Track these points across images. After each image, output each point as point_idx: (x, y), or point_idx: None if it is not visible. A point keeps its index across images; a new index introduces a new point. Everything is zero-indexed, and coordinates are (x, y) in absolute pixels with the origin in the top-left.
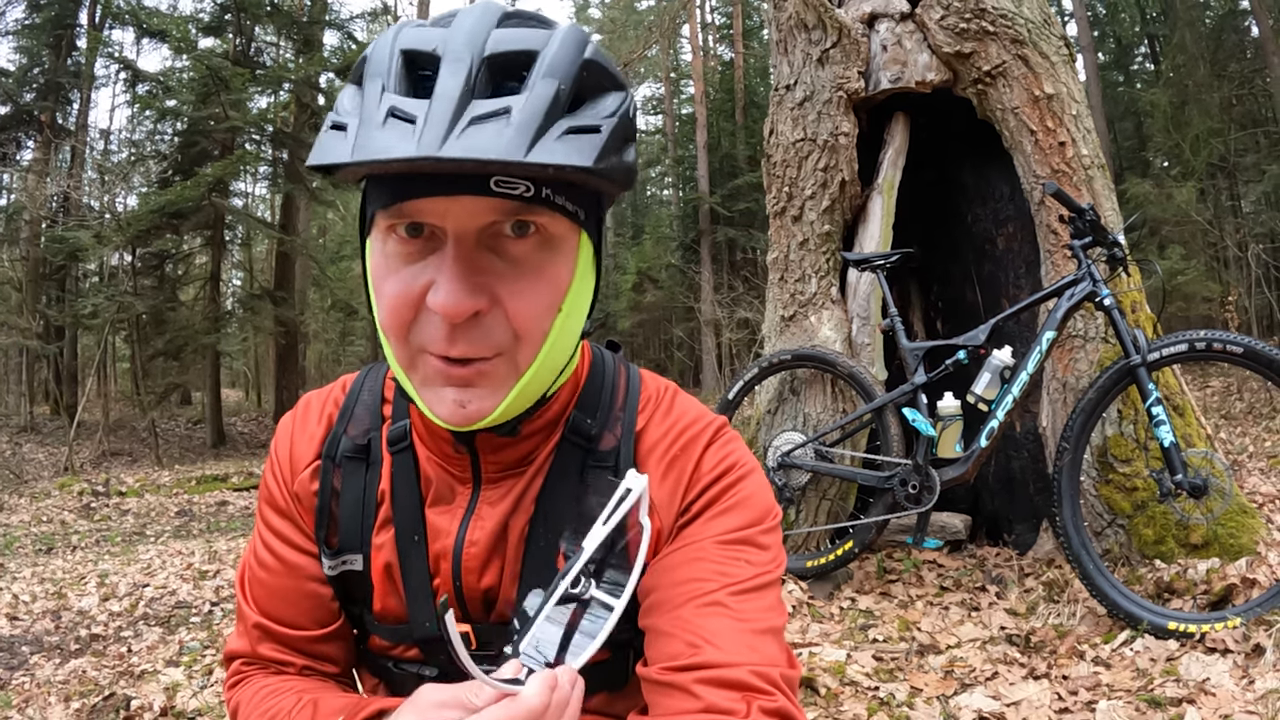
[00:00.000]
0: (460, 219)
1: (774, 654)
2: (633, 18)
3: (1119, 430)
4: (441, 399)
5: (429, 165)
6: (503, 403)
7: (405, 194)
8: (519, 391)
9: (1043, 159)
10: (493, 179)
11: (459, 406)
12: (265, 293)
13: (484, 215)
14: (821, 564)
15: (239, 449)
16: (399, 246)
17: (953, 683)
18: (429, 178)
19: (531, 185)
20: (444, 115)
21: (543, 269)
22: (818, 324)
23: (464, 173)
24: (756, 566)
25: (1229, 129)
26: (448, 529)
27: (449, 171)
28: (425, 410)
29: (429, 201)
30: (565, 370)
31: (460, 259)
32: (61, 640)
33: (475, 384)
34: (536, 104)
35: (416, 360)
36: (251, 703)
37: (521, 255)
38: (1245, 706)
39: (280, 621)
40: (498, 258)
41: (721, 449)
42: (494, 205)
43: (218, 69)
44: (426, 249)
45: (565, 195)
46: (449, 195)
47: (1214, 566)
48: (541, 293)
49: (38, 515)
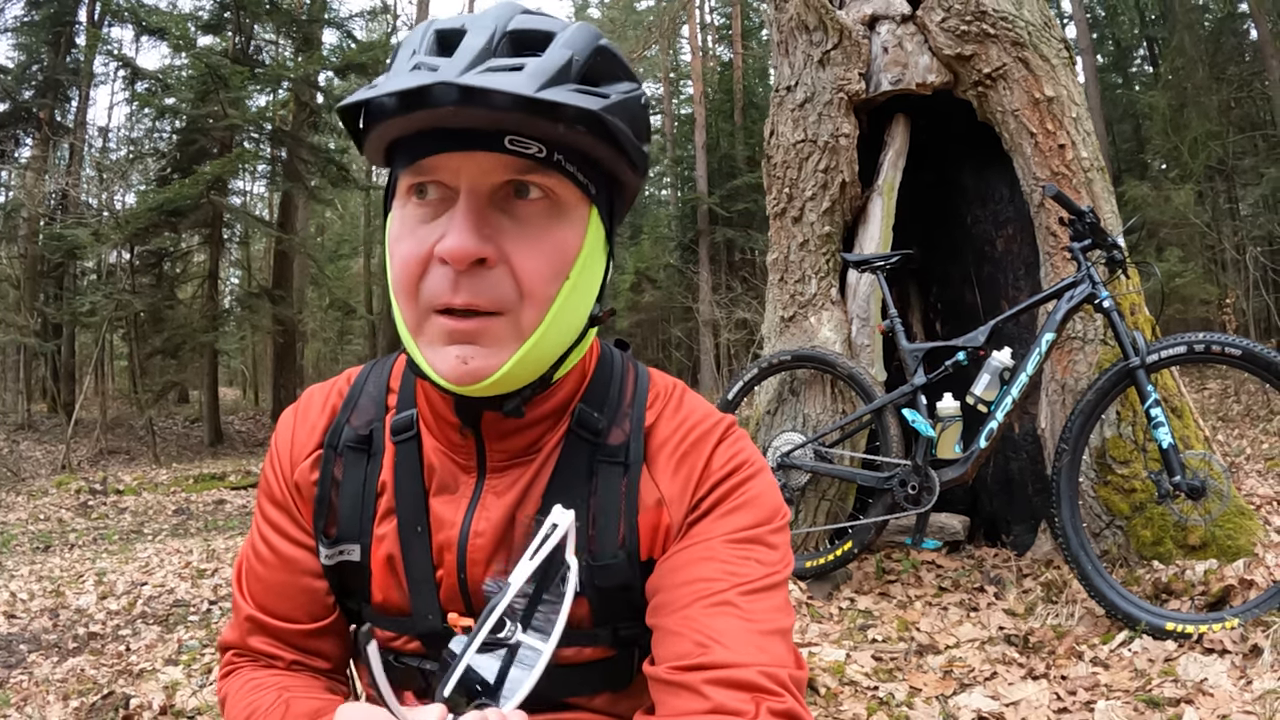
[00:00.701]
0: (473, 175)
1: (783, 655)
2: (632, 18)
3: (1117, 432)
4: (445, 357)
5: (440, 115)
6: (505, 364)
7: (424, 151)
8: (522, 355)
9: (1042, 161)
10: (506, 137)
11: (461, 363)
12: (263, 291)
13: (497, 173)
14: (821, 564)
15: (236, 447)
16: (416, 209)
17: (952, 683)
18: (447, 134)
19: (544, 147)
20: (463, 61)
21: (550, 231)
22: (817, 325)
23: (477, 127)
24: (766, 566)
25: (1227, 132)
26: (452, 519)
27: (464, 124)
28: (429, 372)
29: (445, 158)
30: (572, 354)
31: (470, 210)
32: (59, 638)
33: (478, 341)
34: (548, 63)
35: (424, 322)
36: (238, 694)
37: (530, 216)
38: (1243, 707)
39: (273, 614)
40: (507, 218)
41: (732, 447)
42: (506, 163)
43: (217, 67)
44: (440, 210)
45: (577, 165)
46: (464, 151)
47: (1212, 568)
48: (548, 254)
49: (35, 513)
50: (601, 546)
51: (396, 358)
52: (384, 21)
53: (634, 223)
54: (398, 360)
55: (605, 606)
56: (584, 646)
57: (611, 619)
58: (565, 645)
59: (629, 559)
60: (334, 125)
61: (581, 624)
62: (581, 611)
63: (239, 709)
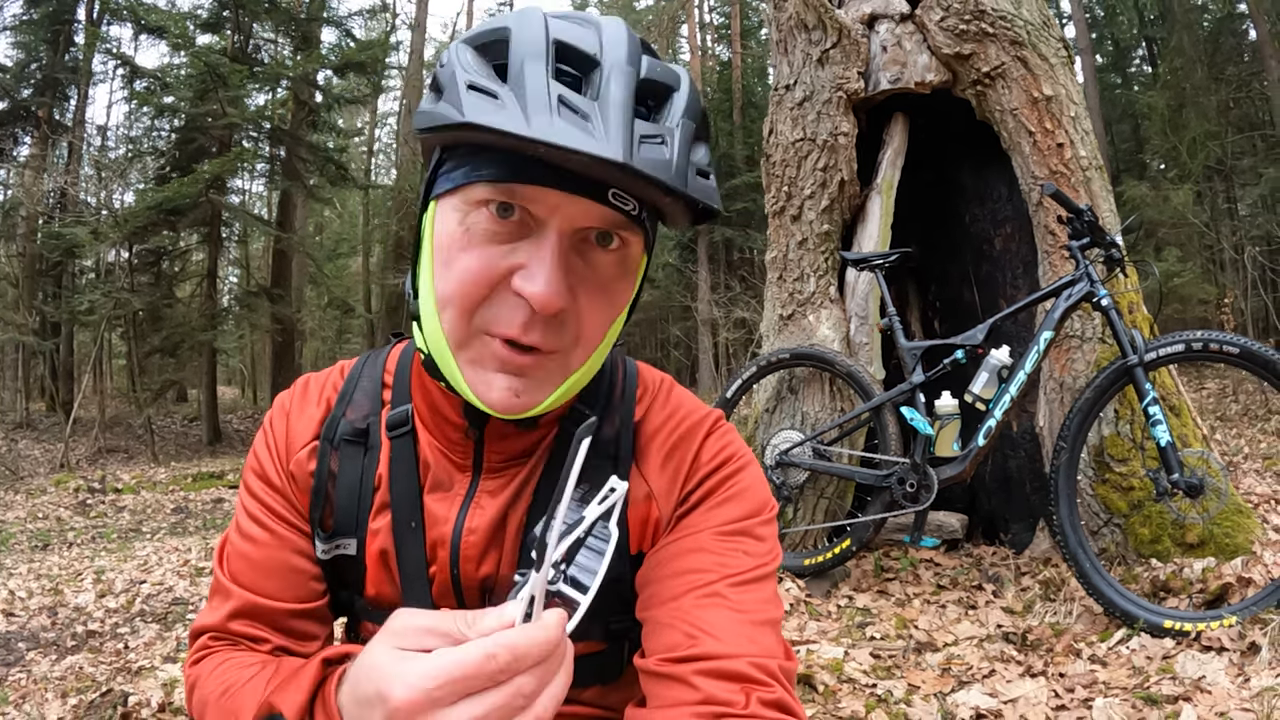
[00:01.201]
0: (570, 217)
1: (772, 646)
2: (631, 17)
3: (1116, 430)
4: (492, 384)
5: (597, 168)
6: (549, 397)
7: (524, 177)
8: (566, 389)
9: (1041, 160)
10: (610, 191)
11: (513, 395)
12: (262, 290)
13: (590, 220)
14: (819, 562)
15: (235, 446)
16: (489, 224)
17: (950, 680)
18: (554, 171)
19: (638, 206)
20: (621, 125)
21: (617, 284)
22: (816, 323)
23: (586, 173)
24: (755, 558)
25: (1226, 132)
26: (446, 516)
27: (578, 170)
28: (467, 392)
29: (546, 192)
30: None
31: (560, 254)
32: (58, 636)
33: (529, 374)
34: (680, 144)
35: (474, 341)
36: (211, 675)
37: (603, 266)
38: (1241, 704)
39: (260, 593)
40: (582, 262)
41: (720, 440)
42: (603, 214)
43: (216, 65)
44: (517, 233)
45: (650, 218)
46: (569, 193)
47: (1210, 565)
48: (611, 306)
49: (34, 512)
50: None
51: (389, 351)
52: (383, 20)
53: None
54: (390, 353)
55: (596, 600)
56: (574, 640)
57: (601, 613)
58: None
59: (619, 553)
60: (333, 124)
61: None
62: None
63: (212, 687)
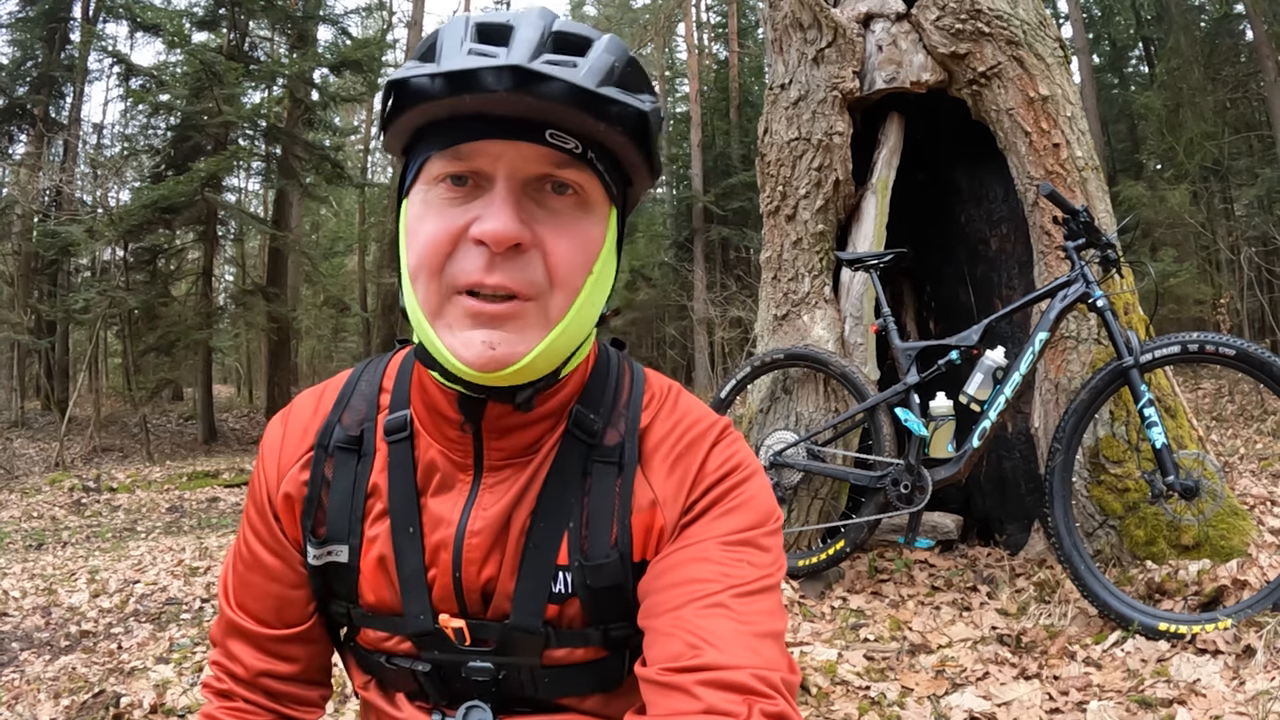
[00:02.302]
0: (514, 163)
1: (775, 658)
2: (628, 15)
3: (1111, 431)
4: (469, 342)
5: (488, 100)
6: (532, 351)
7: (465, 135)
8: (549, 343)
9: (1037, 160)
10: (548, 130)
11: (488, 348)
12: (257, 289)
13: (535, 164)
14: (813, 563)
15: (230, 445)
16: (444, 193)
17: (944, 682)
18: (489, 121)
19: (581, 143)
20: (525, 48)
21: (580, 224)
22: (811, 323)
23: (520, 116)
24: (759, 569)
25: (1223, 132)
26: (448, 518)
27: (509, 112)
28: (447, 357)
29: (488, 144)
30: (580, 350)
31: (510, 194)
32: (52, 636)
33: (505, 326)
34: (599, 64)
35: (446, 304)
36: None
37: (560, 208)
38: (1236, 708)
39: (248, 614)
40: (539, 207)
41: (726, 449)
42: (545, 155)
43: (211, 63)
44: (471, 195)
45: (605, 165)
46: (507, 139)
47: (1205, 568)
48: (579, 244)
49: (28, 511)
50: (594, 547)
51: (390, 358)
52: (379, 19)
53: (629, 220)
54: (391, 360)
55: (597, 607)
56: (575, 647)
57: (603, 620)
58: (557, 646)
59: (621, 559)
60: (329, 122)
61: (573, 624)
62: (573, 611)
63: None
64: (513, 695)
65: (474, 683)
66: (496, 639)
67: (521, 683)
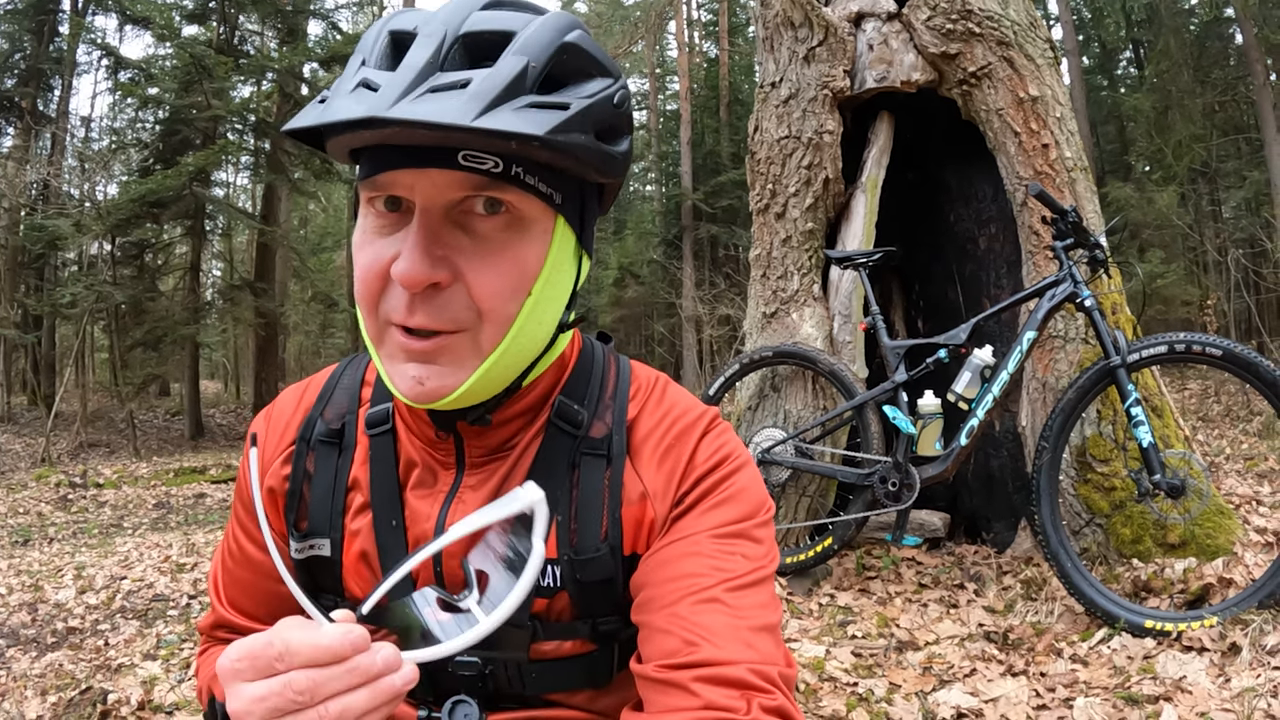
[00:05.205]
0: (428, 192)
1: (772, 652)
2: (618, 13)
3: (1098, 430)
4: (403, 374)
5: (387, 134)
6: (463, 384)
7: (380, 166)
8: (482, 374)
9: (1026, 160)
10: (460, 153)
11: (417, 383)
12: (245, 284)
13: (452, 190)
14: (801, 560)
15: (217, 441)
16: (376, 220)
17: (931, 679)
18: (401, 151)
19: (500, 161)
20: (403, 83)
21: (508, 248)
22: (799, 321)
23: (427, 144)
24: (752, 561)
25: (1211, 135)
26: (428, 513)
27: (413, 143)
28: (389, 385)
29: (401, 174)
30: (543, 360)
31: (424, 230)
32: (38, 633)
33: (435, 360)
34: (497, 78)
35: (384, 334)
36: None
37: (488, 233)
38: (1221, 704)
39: (238, 609)
40: (464, 234)
41: (716, 439)
42: (461, 180)
43: (201, 57)
44: (400, 223)
45: (538, 176)
46: (418, 168)
47: (1191, 566)
48: (505, 272)
49: (14, 507)
50: (583, 540)
51: None
52: (370, 13)
53: (618, 218)
54: None
55: (586, 601)
56: (563, 640)
57: (591, 614)
58: (545, 639)
59: (611, 553)
60: None
61: (561, 617)
62: (561, 605)
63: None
64: (500, 691)
65: (460, 678)
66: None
67: (509, 678)
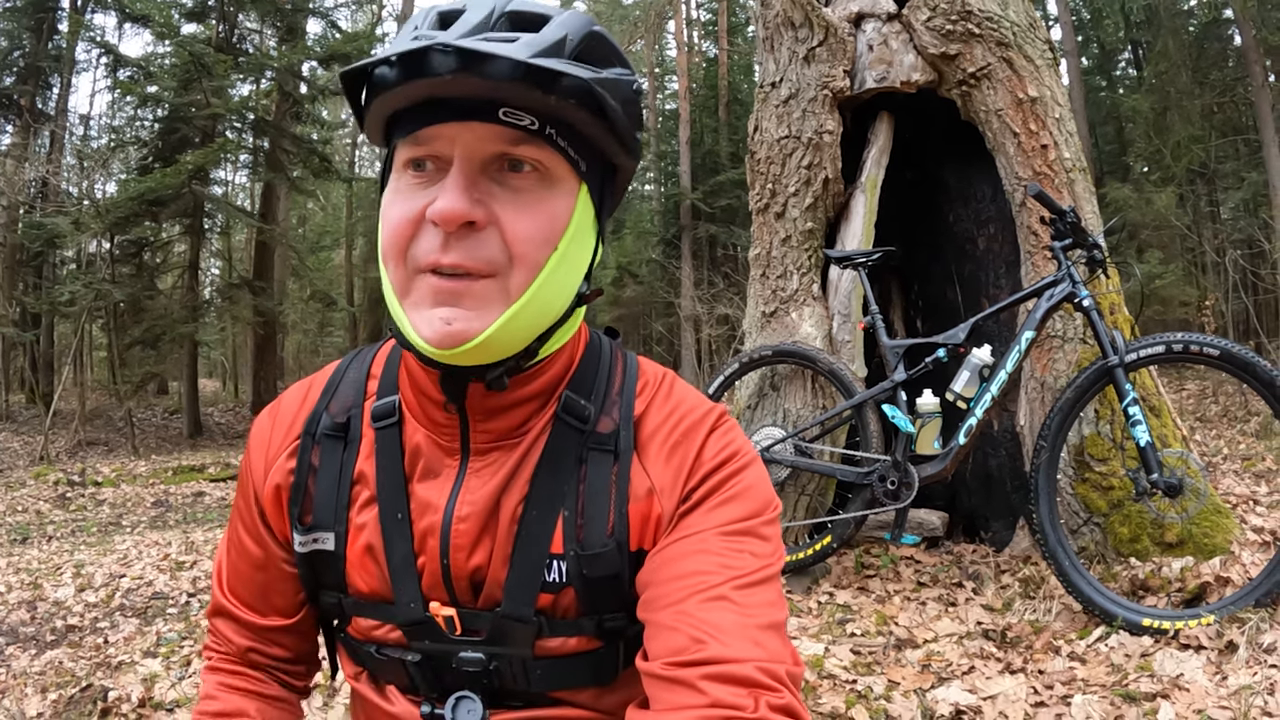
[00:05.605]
0: (469, 144)
1: (779, 650)
2: (618, 12)
3: (1096, 430)
4: (430, 319)
5: (437, 85)
6: (489, 327)
7: (423, 121)
8: (507, 319)
9: (1025, 161)
10: (500, 109)
11: (445, 324)
12: (244, 282)
13: (490, 143)
14: (800, 559)
15: (216, 439)
16: (410, 179)
17: (930, 677)
18: (443, 105)
19: (536, 120)
20: (462, 29)
21: (541, 200)
22: (799, 320)
23: (476, 96)
24: (759, 559)
25: (1210, 136)
26: (435, 503)
27: (463, 93)
28: (412, 336)
29: (443, 127)
30: (560, 331)
31: (462, 174)
32: (37, 631)
33: (463, 302)
34: (543, 38)
35: (411, 284)
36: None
37: (521, 185)
38: (1218, 702)
39: (239, 601)
40: (498, 186)
41: (723, 436)
42: (500, 134)
43: (200, 55)
44: (433, 179)
45: (568, 139)
46: (461, 121)
47: (1188, 565)
48: (538, 220)
49: (13, 505)
50: (590, 536)
51: (380, 347)
52: (369, 12)
53: (617, 217)
54: (381, 349)
55: (592, 597)
56: (569, 637)
57: (597, 610)
58: (550, 635)
59: (618, 549)
60: (317, 116)
61: (567, 613)
62: (567, 601)
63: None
64: (504, 688)
65: (465, 674)
66: (487, 628)
67: (513, 674)
